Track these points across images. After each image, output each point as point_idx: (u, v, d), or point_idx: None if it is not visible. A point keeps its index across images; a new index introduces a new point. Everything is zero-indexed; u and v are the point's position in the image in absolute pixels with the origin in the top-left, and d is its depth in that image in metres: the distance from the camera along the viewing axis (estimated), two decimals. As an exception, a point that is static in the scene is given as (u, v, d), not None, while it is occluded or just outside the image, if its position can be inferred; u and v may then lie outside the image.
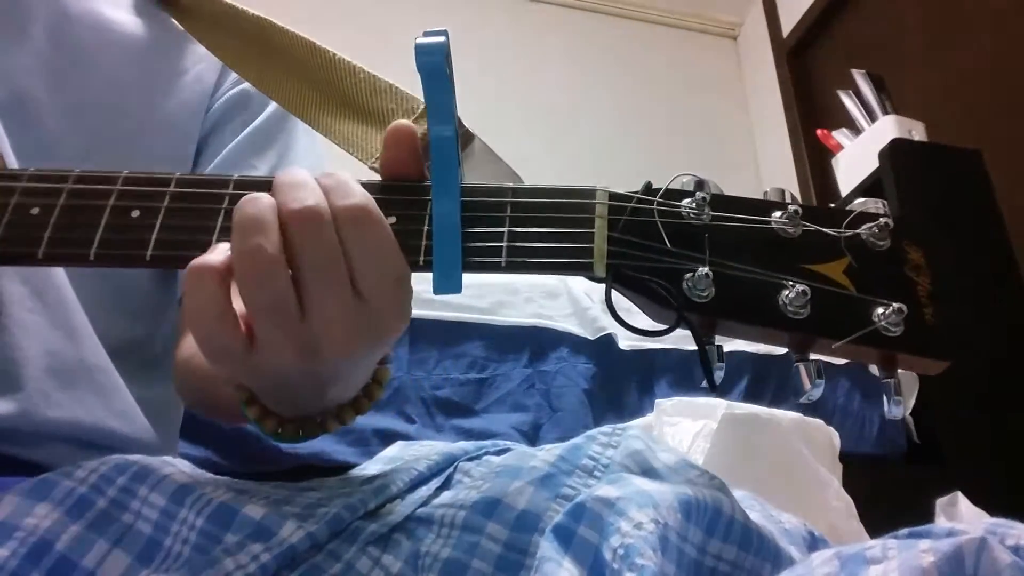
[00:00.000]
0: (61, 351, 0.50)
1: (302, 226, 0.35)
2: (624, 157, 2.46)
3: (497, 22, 2.58)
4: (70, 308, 0.52)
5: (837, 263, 0.38)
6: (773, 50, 2.62)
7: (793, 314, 0.37)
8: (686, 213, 0.39)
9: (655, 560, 0.32)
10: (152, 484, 0.38)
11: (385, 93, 0.48)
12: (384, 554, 0.38)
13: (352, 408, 0.43)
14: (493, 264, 0.38)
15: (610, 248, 0.38)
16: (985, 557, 0.28)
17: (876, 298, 0.37)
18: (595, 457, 0.43)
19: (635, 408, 1.49)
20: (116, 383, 0.53)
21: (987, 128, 1.79)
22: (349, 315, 0.36)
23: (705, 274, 0.37)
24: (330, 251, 0.35)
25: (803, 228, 0.39)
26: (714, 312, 0.37)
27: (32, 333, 0.49)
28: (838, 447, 1.36)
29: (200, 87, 0.65)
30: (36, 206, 0.39)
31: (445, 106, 0.39)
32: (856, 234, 0.39)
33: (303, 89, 0.51)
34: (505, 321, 1.54)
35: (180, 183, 0.40)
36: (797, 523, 0.44)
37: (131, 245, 0.38)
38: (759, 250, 0.38)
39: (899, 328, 0.37)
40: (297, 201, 0.35)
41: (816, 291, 0.37)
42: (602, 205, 0.39)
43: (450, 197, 0.38)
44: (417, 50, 0.38)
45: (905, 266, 0.38)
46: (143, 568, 0.35)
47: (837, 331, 0.37)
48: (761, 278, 0.37)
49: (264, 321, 0.35)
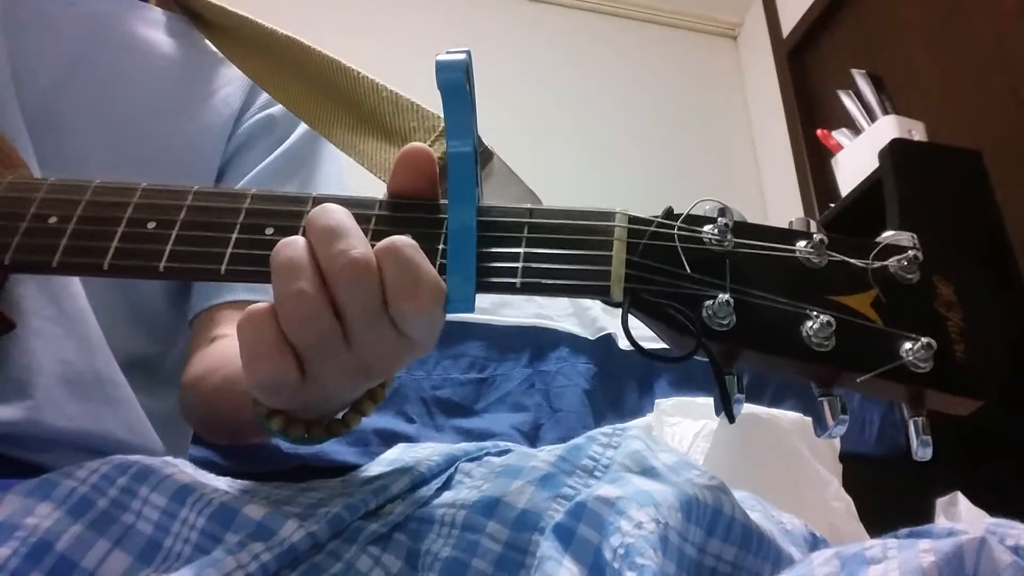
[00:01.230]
0: (75, 361, 0.50)
1: (348, 280, 0.35)
2: (624, 157, 2.46)
3: (497, 22, 2.58)
4: (86, 320, 0.52)
5: (864, 295, 0.37)
6: (773, 50, 2.62)
7: (817, 346, 0.35)
8: (708, 239, 0.38)
9: (655, 560, 0.32)
10: (153, 484, 0.38)
11: (407, 111, 0.48)
12: (384, 554, 0.38)
13: (370, 399, 0.43)
14: (508, 285, 0.37)
15: (628, 272, 0.37)
16: (985, 557, 0.29)
17: (905, 332, 0.36)
18: (595, 457, 0.43)
19: (635, 408, 1.49)
20: (128, 396, 0.53)
21: (987, 128, 1.79)
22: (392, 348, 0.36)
23: (726, 301, 0.36)
24: (375, 298, 0.35)
25: (829, 258, 0.37)
26: (734, 341, 0.36)
27: (47, 342, 0.49)
28: (838, 447, 1.37)
29: (227, 110, 0.65)
30: (54, 215, 0.39)
31: (464, 123, 0.39)
32: (884, 266, 0.37)
33: (329, 107, 0.52)
34: (505, 321, 1.54)
35: (198, 196, 0.40)
36: (798, 523, 0.44)
37: (145, 256, 0.38)
38: (783, 279, 0.37)
39: (928, 364, 0.35)
40: (345, 255, 0.35)
41: (841, 323, 0.36)
42: (621, 228, 0.38)
43: (467, 215, 0.38)
44: (438, 67, 0.38)
45: (935, 301, 0.37)
46: (144, 568, 0.35)
47: (863, 365, 0.35)
48: (784, 308, 0.36)
49: (313, 356, 0.36)
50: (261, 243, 0.38)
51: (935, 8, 2.00)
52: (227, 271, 0.38)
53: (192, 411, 0.60)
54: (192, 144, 0.62)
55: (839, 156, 2.03)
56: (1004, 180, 1.54)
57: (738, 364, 0.37)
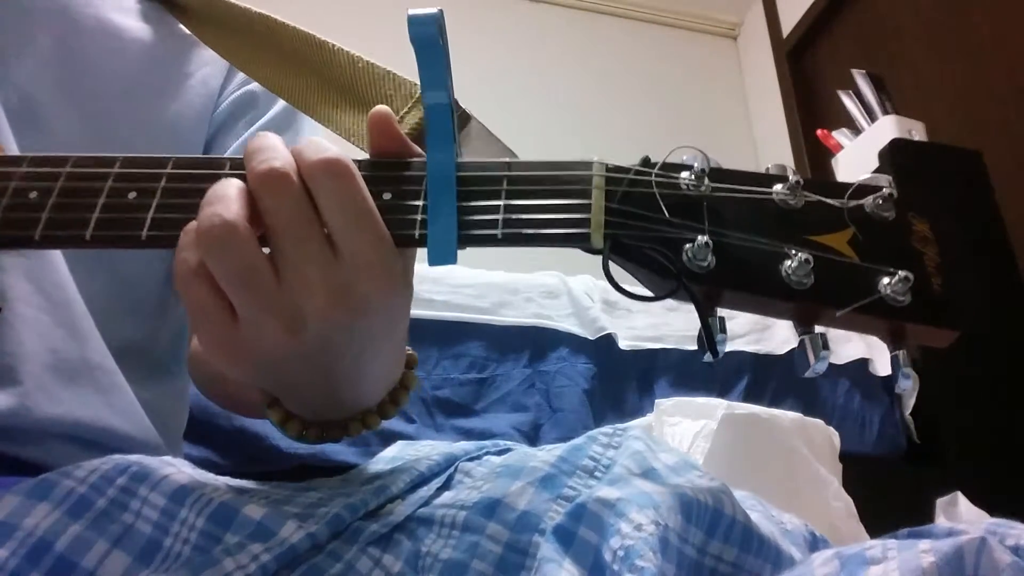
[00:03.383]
0: (63, 349, 0.50)
1: (268, 187, 0.34)
2: (624, 157, 2.45)
3: (496, 22, 2.58)
4: (74, 307, 0.52)
5: (841, 234, 0.37)
6: (773, 50, 2.62)
7: (796, 284, 0.36)
8: (685, 185, 0.38)
9: (655, 562, 0.32)
10: (152, 484, 0.38)
11: (383, 80, 0.48)
12: (384, 554, 0.38)
13: (377, 413, 0.43)
14: (489, 236, 0.37)
15: (607, 219, 0.37)
16: (985, 557, 0.28)
17: (882, 267, 0.36)
18: (596, 458, 0.43)
19: (635, 408, 1.49)
20: (119, 382, 0.53)
21: (987, 128, 1.79)
22: (327, 276, 0.35)
23: (705, 243, 0.36)
24: (299, 208, 0.35)
25: (805, 199, 0.38)
26: (715, 282, 0.37)
27: (35, 330, 0.49)
28: (838, 447, 1.36)
29: (206, 90, 0.65)
30: (34, 190, 0.39)
31: (438, 76, 0.39)
32: (860, 205, 0.38)
33: (307, 83, 0.51)
34: (505, 321, 1.53)
35: (177, 164, 0.40)
36: (798, 523, 0.44)
37: (127, 225, 0.38)
38: (760, 221, 0.38)
39: (906, 297, 0.36)
40: (264, 163, 0.35)
41: (820, 260, 0.36)
42: (599, 177, 0.38)
43: (445, 167, 0.38)
44: (410, 21, 0.38)
45: (911, 237, 0.38)
46: (143, 568, 0.35)
47: (842, 300, 0.36)
48: (763, 247, 0.37)
49: (236, 293, 0.35)
50: None
51: (935, 8, 2.00)
52: None
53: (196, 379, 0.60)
54: (173, 127, 0.62)
55: (839, 156, 2.03)
56: (1004, 180, 1.54)
57: (720, 304, 0.38)
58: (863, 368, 1.62)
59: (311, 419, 0.42)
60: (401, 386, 0.44)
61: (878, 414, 1.58)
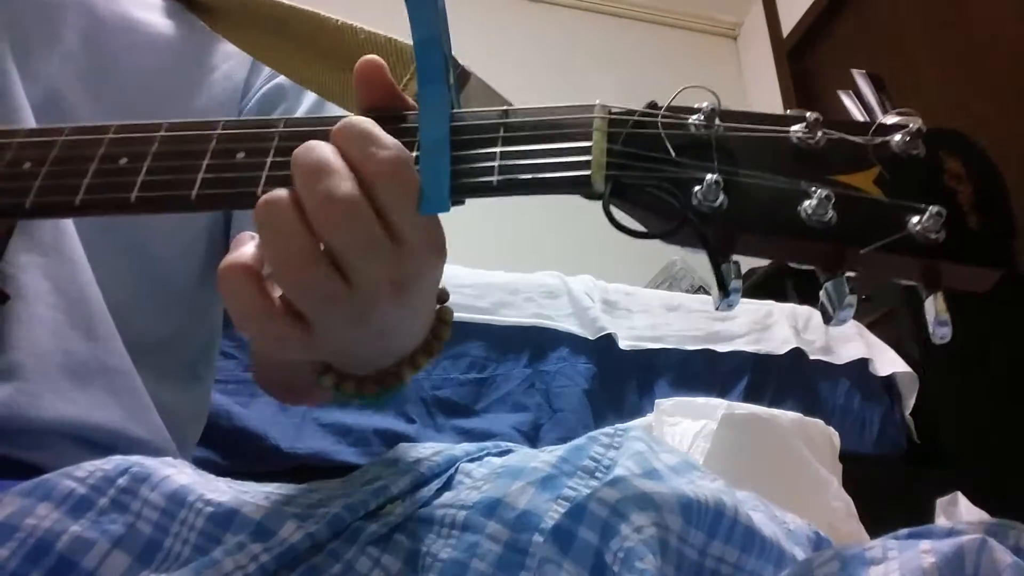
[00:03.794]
0: (78, 350, 0.50)
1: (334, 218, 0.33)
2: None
3: (496, 21, 2.58)
4: (93, 307, 0.51)
5: (866, 173, 0.34)
6: (773, 50, 2.62)
7: (817, 223, 0.33)
8: (694, 126, 0.36)
9: (654, 564, 0.32)
10: (153, 484, 0.38)
11: (384, 48, 0.48)
12: (384, 554, 0.38)
13: (424, 352, 0.42)
14: (484, 184, 0.35)
15: (609, 160, 0.35)
16: (985, 557, 0.28)
17: (912, 203, 0.33)
18: (596, 458, 0.43)
19: (635, 408, 1.49)
20: (134, 385, 0.53)
21: (987, 128, 1.79)
22: (394, 269, 0.35)
23: (715, 182, 0.33)
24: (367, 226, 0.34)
25: (827, 137, 0.35)
26: (728, 224, 0.34)
27: (50, 329, 0.49)
28: (838, 447, 1.37)
29: (230, 84, 0.65)
30: (28, 160, 0.39)
31: (427, 10, 0.36)
32: (886, 142, 0.35)
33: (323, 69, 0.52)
34: (505, 321, 1.54)
35: (171, 127, 0.40)
36: (801, 524, 0.44)
37: (116, 189, 0.38)
38: (777, 160, 0.35)
39: (940, 235, 0.32)
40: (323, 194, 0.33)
41: (842, 198, 0.33)
42: (600, 119, 0.36)
43: (438, 109, 0.36)
44: None
45: (944, 175, 0.34)
46: (143, 568, 0.35)
47: (867, 240, 0.32)
48: (780, 186, 0.34)
49: (313, 308, 0.35)
50: (232, 167, 0.38)
51: (935, 8, 2.00)
52: (197, 196, 0.37)
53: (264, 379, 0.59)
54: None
55: (839, 156, 2.03)
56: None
57: (735, 250, 0.35)
58: (863, 368, 1.63)
59: (363, 375, 0.41)
60: (440, 321, 0.43)
61: (878, 414, 1.58)
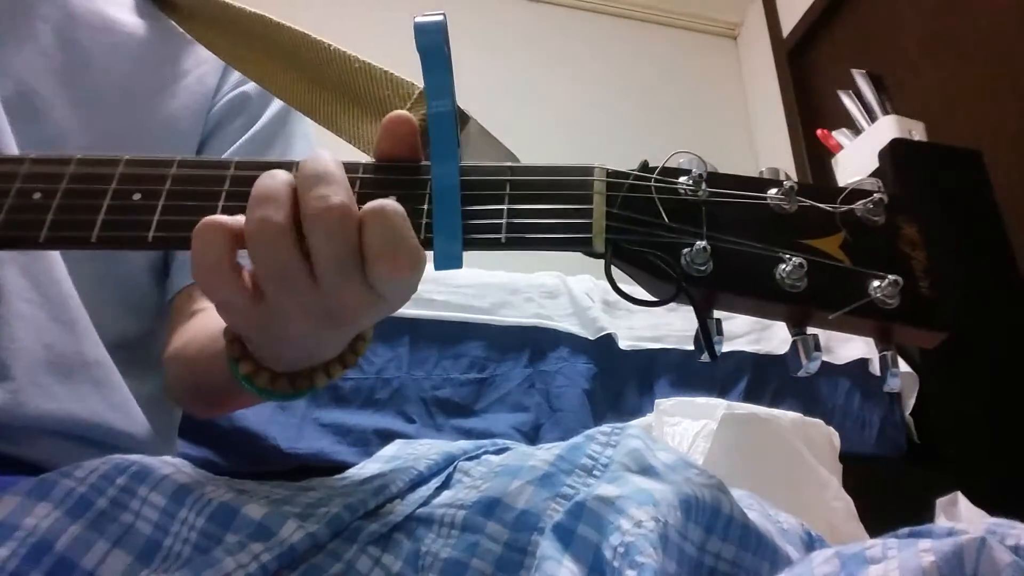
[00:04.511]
0: (59, 344, 0.50)
1: (327, 223, 0.34)
2: (624, 157, 2.45)
3: (495, 22, 2.58)
4: (70, 302, 0.52)
5: (833, 238, 0.39)
6: (773, 50, 2.62)
7: (790, 287, 0.37)
8: (683, 190, 0.40)
9: (656, 558, 0.32)
10: (152, 484, 0.38)
11: (380, 81, 0.48)
12: (384, 554, 0.38)
13: (339, 363, 0.42)
14: (493, 240, 0.38)
15: (609, 224, 0.38)
16: (985, 557, 0.29)
17: (872, 271, 0.38)
18: (594, 456, 0.43)
19: (635, 408, 1.49)
20: (114, 378, 0.53)
21: (987, 128, 1.79)
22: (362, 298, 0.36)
23: (703, 248, 0.37)
24: (350, 250, 0.35)
25: (799, 204, 0.39)
26: (713, 285, 0.38)
27: (31, 325, 0.49)
28: (838, 447, 1.36)
29: (202, 89, 0.65)
30: (38, 191, 0.39)
31: (444, 84, 0.40)
32: (851, 210, 0.39)
33: (303, 83, 0.51)
34: (505, 321, 1.53)
35: (182, 165, 0.40)
36: (795, 523, 0.44)
37: (133, 227, 0.38)
38: (756, 225, 0.39)
39: (895, 300, 0.37)
40: (322, 199, 0.35)
41: (813, 264, 0.38)
42: (600, 182, 0.39)
43: (449, 172, 0.39)
44: (416, 29, 0.39)
45: (900, 241, 0.39)
46: (143, 568, 0.35)
47: (834, 303, 0.37)
48: (758, 252, 0.38)
49: (271, 285, 0.35)
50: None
51: (935, 8, 2.00)
52: None
53: (174, 382, 0.59)
54: (169, 125, 0.62)
55: (839, 156, 2.03)
56: (1004, 180, 1.54)
57: (717, 307, 0.39)
58: (863, 368, 1.62)
59: (279, 372, 0.42)
60: (359, 337, 0.43)
61: (878, 414, 1.58)
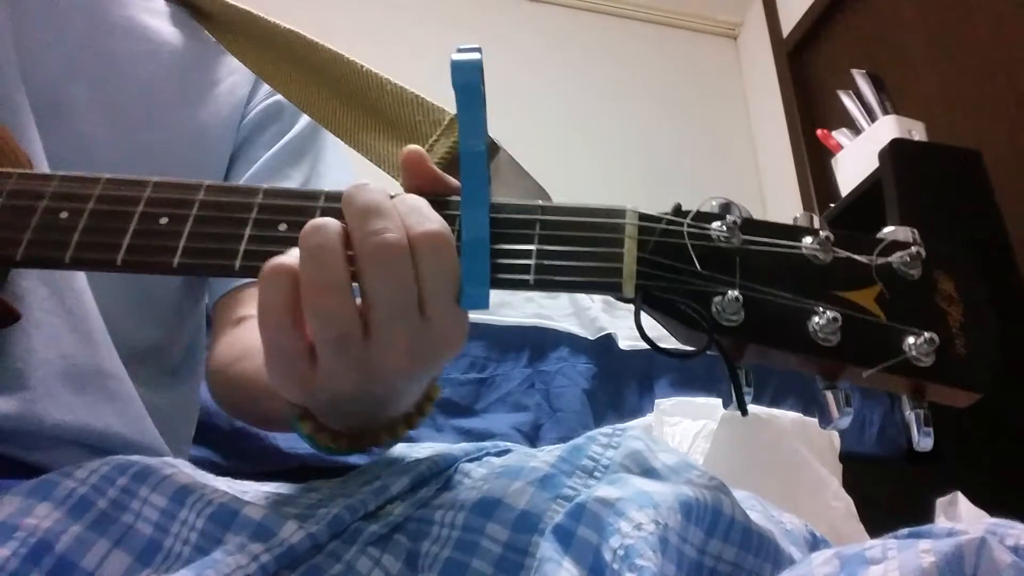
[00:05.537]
0: (76, 356, 0.50)
1: (380, 261, 0.34)
2: (624, 157, 2.46)
3: (495, 22, 2.58)
4: (89, 314, 0.52)
5: (868, 291, 0.38)
6: (773, 50, 2.62)
7: (823, 341, 0.36)
8: (716, 236, 0.38)
9: (655, 561, 0.32)
10: (153, 484, 0.38)
11: (411, 105, 0.48)
12: (384, 555, 0.38)
13: (404, 423, 0.43)
14: (521, 281, 0.37)
15: (639, 269, 0.38)
16: (985, 557, 0.28)
17: (907, 327, 0.37)
18: (595, 458, 0.43)
19: (635, 408, 1.49)
20: (129, 391, 0.53)
21: (987, 128, 1.79)
22: (416, 339, 0.36)
23: (735, 297, 0.36)
24: (406, 284, 0.35)
25: (834, 255, 0.38)
26: (743, 336, 0.37)
27: (49, 336, 0.49)
28: (838, 447, 1.37)
29: (234, 99, 0.65)
30: (65, 210, 0.39)
31: (478, 122, 0.39)
32: (887, 263, 0.38)
33: (333, 102, 0.52)
34: (505, 321, 1.53)
35: (210, 191, 0.40)
36: (798, 524, 0.44)
37: (159, 252, 0.38)
38: (790, 275, 0.38)
39: (930, 358, 0.36)
40: (375, 235, 0.34)
41: (847, 318, 0.36)
42: (632, 226, 0.39)
43: (480, 212, 0.38)
44: (453, 67, 0.38)
45: (936, 296, 0.38)
46: (143, 568, 0.35)
47: (867, 359, 0.36)
48: (791, 304, 0.37)
49: (328, 351, 0.35)
50: (273, 240, 0.38)
51: (935, 8, 2.00)
52: (241, 267, 0.38)
53: (221, 396, 0.59)
54: (200, 134, 0.62)
55: (839, 156, 2.03)
56: (1004, 180, 1.54)
57: (747, 358, 0.38)
58: (863, 368, 1.62)
59: (341, 430, 0.42)
60: (426, 398, 0.44)
61: (878, 414, 1.58)
